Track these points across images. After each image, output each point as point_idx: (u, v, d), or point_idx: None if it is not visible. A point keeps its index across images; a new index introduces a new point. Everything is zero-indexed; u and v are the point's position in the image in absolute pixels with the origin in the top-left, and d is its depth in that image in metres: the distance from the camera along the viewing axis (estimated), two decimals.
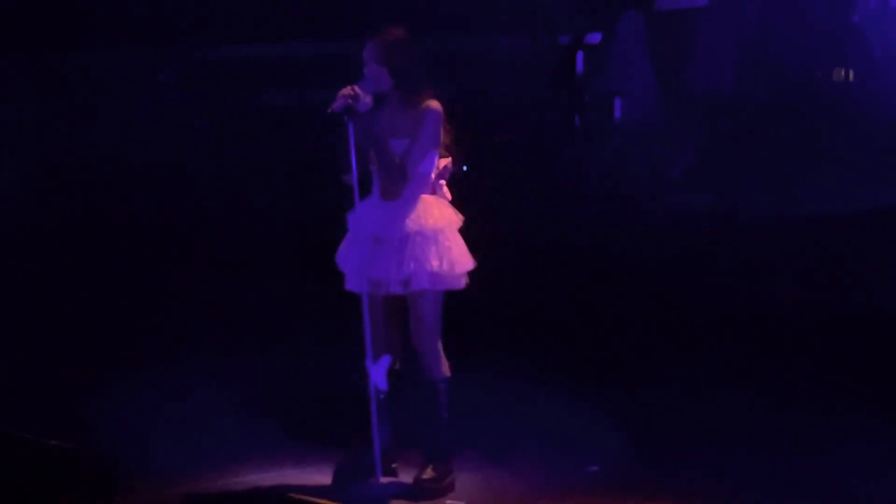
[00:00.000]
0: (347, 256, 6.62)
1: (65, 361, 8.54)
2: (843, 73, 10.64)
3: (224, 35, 12.09)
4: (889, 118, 10.11)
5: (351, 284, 6.60)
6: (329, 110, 6.31)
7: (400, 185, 6.49)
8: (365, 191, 6.57)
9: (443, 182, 6.61)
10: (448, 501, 6.47)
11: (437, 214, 6.51)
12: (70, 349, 8.76)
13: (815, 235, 10.36)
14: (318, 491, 6.45)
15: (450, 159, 6.63)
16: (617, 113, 12.38)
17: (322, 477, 6.66)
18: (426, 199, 6.54)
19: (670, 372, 8.44)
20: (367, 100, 6.37)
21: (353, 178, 6.46)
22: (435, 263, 6.45)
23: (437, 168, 6.59)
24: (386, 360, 6.52)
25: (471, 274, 6.59)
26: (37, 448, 5.57)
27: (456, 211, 6.60)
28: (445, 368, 6.59)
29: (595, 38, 12.35)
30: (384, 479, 6.52)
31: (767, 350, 8.65)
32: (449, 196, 6.63)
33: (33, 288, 9.66)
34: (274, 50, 12.48)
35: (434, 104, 6.51)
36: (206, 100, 12.11)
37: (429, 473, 6.52)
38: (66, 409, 7.68)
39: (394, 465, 6.69)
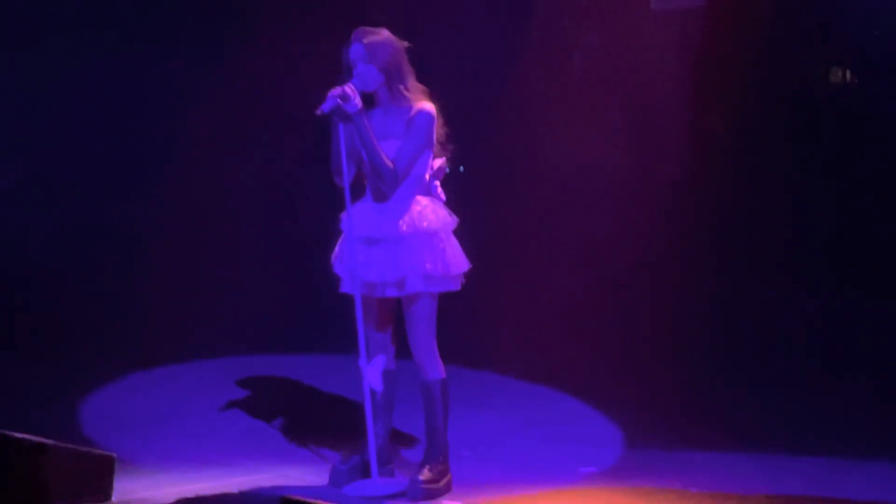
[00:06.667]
0: (341, 259, 6.62)
1: (61, 361, 8.57)
2: (840, 73, 10.59)
3: None
4: (889, 120, 10.03)
5: (346, 287, 6.60)
6: (318, 111, 6.29)
7: (391, 186, 6.46)
8: (359, 192, 6.57)
9: (437, 182, 6.61)
10: (445, 502, 6.47)
11: (430, 216, 6.48)
12: (67, 348, 8.78)
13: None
14: (315, 492, 6.44)
15: (444, 159, 6.62)
16: None
17: (318, 478, 6.66)
18: (419, 201, 6.51)
19: (668, 370, 8.46)
20: (356, 100, 6.36)
21: (345, 179, 6.46)
22: (428, 266, 6.43)
23: (431, 169, 6.58)
24: (381, 361, 6.51)
25: (467, 274, 6.60)
26: (32, 447, 5.59)
27: (450, 212, 6.60)
28: (441, 369, 6.57)
29: None
30: (380, 480, 6.52)
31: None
32: (443, 197, 6.62)
33: (31, 287, 9.68)
34: None
35: (426, 105, 6.49)
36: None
37: (425, 474, 6.50)
38: (64, 408, 7.71)
39: (390, 466, 6.70)
